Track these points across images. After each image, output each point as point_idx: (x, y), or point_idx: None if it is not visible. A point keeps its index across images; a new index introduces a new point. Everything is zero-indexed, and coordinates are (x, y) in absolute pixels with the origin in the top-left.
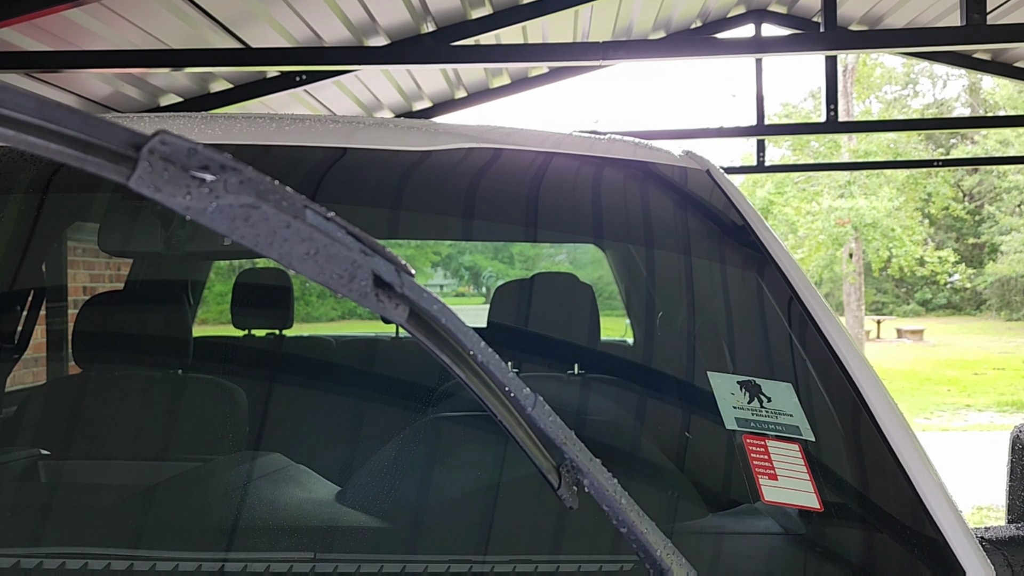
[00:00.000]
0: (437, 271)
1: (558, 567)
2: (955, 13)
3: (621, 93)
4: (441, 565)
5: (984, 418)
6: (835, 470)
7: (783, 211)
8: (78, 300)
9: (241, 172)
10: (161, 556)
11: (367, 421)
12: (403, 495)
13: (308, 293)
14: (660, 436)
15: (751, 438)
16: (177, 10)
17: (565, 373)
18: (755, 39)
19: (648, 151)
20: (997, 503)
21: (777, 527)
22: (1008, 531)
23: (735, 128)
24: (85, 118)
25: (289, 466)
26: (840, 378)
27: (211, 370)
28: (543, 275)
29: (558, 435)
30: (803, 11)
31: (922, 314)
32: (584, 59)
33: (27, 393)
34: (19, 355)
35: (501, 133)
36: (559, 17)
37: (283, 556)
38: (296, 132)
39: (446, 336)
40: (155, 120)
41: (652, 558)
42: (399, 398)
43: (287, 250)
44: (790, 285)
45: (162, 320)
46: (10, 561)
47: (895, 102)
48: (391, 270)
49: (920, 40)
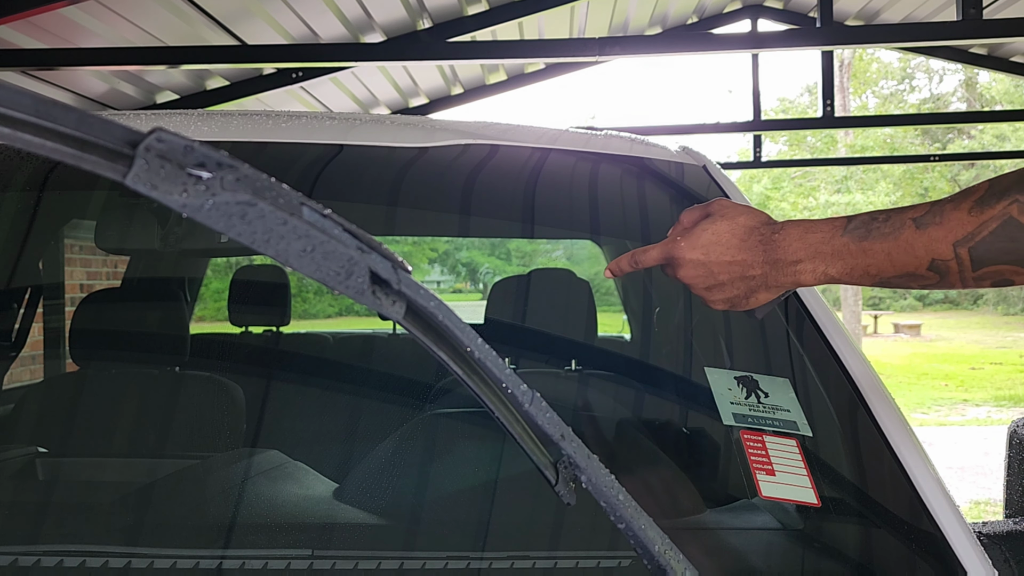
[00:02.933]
0: (434, 267)
1: (555, 563)
2: (951, 8)
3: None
4: (439, 562)
5: (981, 413)
6: (833, 466)
7: (780, 206)
8: (75, 298)
9: (237, 169)
10: (159, 553)
11: (364, 418)
12: (401, 492)
13: (305, 290)
14: (657, 432)
15: (748, 434)
16: (173, 7)
17: (562, 369)
18: (751, 34)
19: (645, 147)
20: (995, 498)
21: (775, 523)
22: (1006, 526)
23: (732, 124)
24: (81, 116)
25: (286, 463)
26: (837, 373)
27: (208, 367)
28: (540, 271)
29: (555, 431)
30: (799, 6)
31: (919, 309)
32: (580, 55)
33: (24, 390)
34: (16, 353)
35: (498, 129)
36: (555, 13)
37: (281, 553)
38: (292, 129)
39: (443, 332)
40: (151, 117)
41: (650, 554)
42: (396, 395)
43: (284, 247)
44: None
45: (159, 317)
46: (8, 559)
47: (891, 97)
48: (388, 267)
49: (916, 35)
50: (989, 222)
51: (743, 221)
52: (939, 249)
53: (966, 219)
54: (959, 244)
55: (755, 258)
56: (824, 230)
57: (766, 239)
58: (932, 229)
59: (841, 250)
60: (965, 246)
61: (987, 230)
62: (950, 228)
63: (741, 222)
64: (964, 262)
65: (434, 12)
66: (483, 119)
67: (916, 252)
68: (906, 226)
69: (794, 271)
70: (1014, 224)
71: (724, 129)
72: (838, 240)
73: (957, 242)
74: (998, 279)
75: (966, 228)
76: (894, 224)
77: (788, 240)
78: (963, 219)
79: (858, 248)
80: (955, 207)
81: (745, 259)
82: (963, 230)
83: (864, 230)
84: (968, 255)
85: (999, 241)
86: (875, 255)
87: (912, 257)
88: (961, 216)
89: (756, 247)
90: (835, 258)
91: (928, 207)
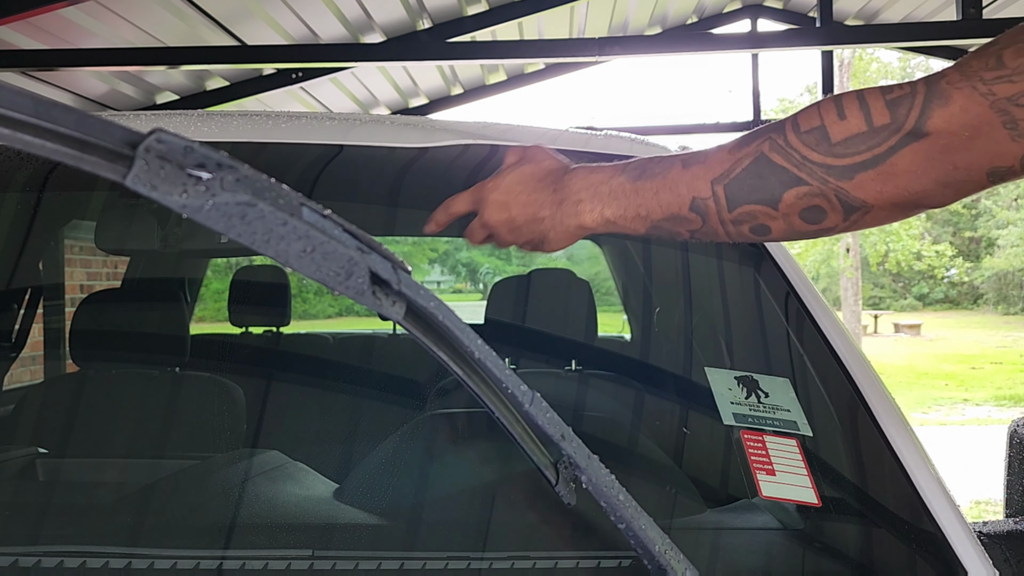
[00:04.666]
0: (434, 267)
1: (556, 564)
2: (951, 8)
3: (617, 89)
4: (439, 562)
5: (982, 412)
6: (833, 465)
7: None
8: (75, 298)
9: (237, 170)
10: (159, 554)
11: (365, 418)
12: (401, 492)
13: (305, 290)
14: (657, 432)
15: (749, 434)
16: (173, 8)
17: (562, 369)
18: (751, 34)
19: (644, 147)
20: (995, 497)
21: (775, 522)
22: (1006, 525)
23: (732, 124)
24: (81, 117)
25: (287, 463)
26: (837, 373)
27: (208, 368)
28: (540, 271)
29: (556, 431)
30: (799, 6)
31: (919, 308)
32: (580, 55)
33: (25, 391)
34: (16, 353)
35: (497, 129)
36: (555, 13)
37: (281, 554)
38: (292, 129)
39: (443, 333)
40: (151, 118)
41: (650, 554)
42: (397, 395)
43: (284, 247)
44: (787, 280)
45: (159, 318)
46: (8, 560)
47: None
48: (388, 267)
49: (916, 35)
50: (743, 159)
51: (546, 165)
52: (699, 187)
53: (725, 157)
54: (716, 182)
55: (545, 198)
56: (606, 171)
57: (557, 179)
58: (695, 167)
59: (617, 190)
60: (721, 184)
61: (740, 167)
62: (709, 166)
63: (544, 166)
64: (720, 201)
65: (434, 12)
66: (483, 119)
67: (679, 191)
68: (674, 166)
69: (576, 212)
70: (764, 160)
71: (724, 129)
72: (616, 180)
73: (715, 179)
74: (753, 223)
75: (723, 166)
76: (665, 165)
77: (575, 180)
78: (722, 157)
79: (632, 187)
80: (719, 148)
81: (537, 199)
82: (720, 168)
83: (639, 171)
84: (724, 193)
85: (750, 178)
86: (645, 194)
87: (676, 196)
88: (721, 155)
89: (548, 187)
90: (611, 198)
91: (699, 151)
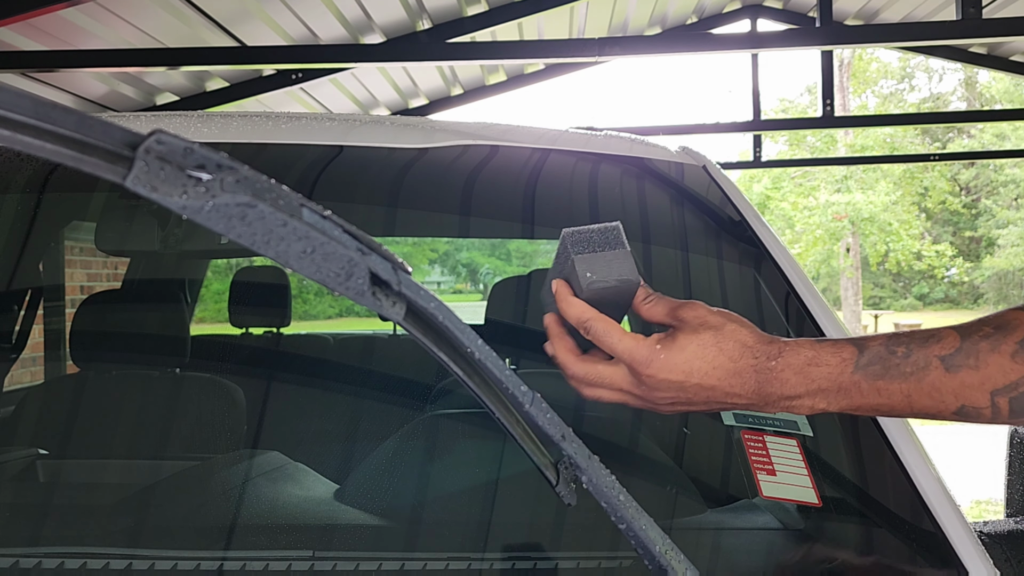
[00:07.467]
0: (434, 268)
1: (556, 564)
2: (951, 7)
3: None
4: (440, 563)
5: None
6: (833, 465)
7: (780, 206)
8: (75, 299)
9: (237, 171)
10: (160, 555)
11: (365, 419)
12: (402, 493)
13: (306, 291)
14: (658, 432)
15: (749, 434)
16: (173, 9)
17: None
18: (751, 34)
19: (644, 147)
20: (996, 497)
21: (776, 523)
22: (1007, 525)
23: (731, 124)
24: (81, 118)
25: (287, 464)
26: None
27: (209, 369)
28: (540, 271)
29: (556, 432)
30: (799, 6)
31: (920, 308)
32: (580, 55)
33: (25, 392)
34: (17, 354)
35: (497, 130)
36: (555, 13)
37: (281, 554)
38: (292, 130)
39: (443, 333)
40: (151, 119)
41: (651, 554)
42: (397, 396)
43: (284, 248)
44: (787, 280)
45: (159, 319)
46: (9, 561)
47: (891, 97)
48: (388, 268)
49: (916, 34)
50: None
51: (742, 338)
52: (972, 396)
53: (1009, 366)
54: (998, 393)
55: (744, 389)
56: (831, 364)
57: (760, 367)
58: (965, 373)
59: (850, 388)
60: (1006, 396)
61: None
62: (988, 375)
63: (739, 338)
64: (1001, 411)
65: (433, 13)
66: (483, 120)
67: (943, 397)
68: (932, 366)
69: (787, 406)
70: None
71: (724, 129)
72: (847, 377)
73: (996, 391)
74: None
75: (1009, 376)
76: (917, 362)
77: (787, 373)
78: (1005, 365)
79: (871, 387)
80: (993, 348)
81: (728, 388)
82: (1005, 378)
83: (880, 367)
84: (1008, 405)
85: None
86: (891, 396)
87: (936, 403)
88: (1002, 361)
89: (748, 374)
90: (840, 395)
91: (957, 341)
